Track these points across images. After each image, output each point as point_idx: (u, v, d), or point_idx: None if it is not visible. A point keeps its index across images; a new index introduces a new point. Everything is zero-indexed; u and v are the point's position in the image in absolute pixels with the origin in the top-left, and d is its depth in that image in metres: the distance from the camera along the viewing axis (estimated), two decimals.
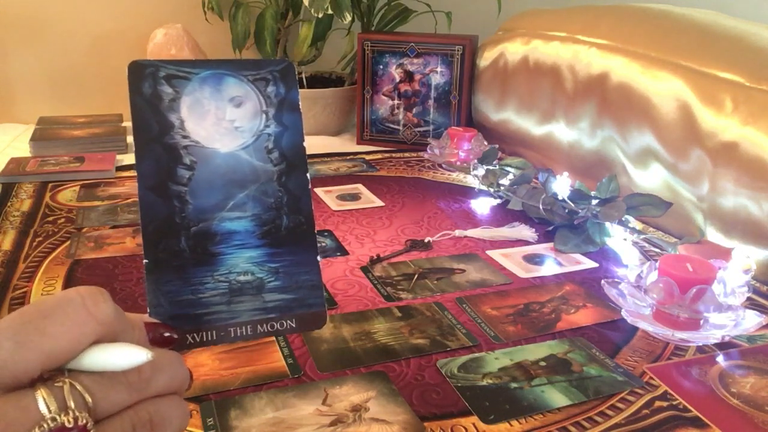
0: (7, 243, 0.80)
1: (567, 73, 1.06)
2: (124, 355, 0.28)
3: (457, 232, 0.87)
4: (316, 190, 1.03)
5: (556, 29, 1.13)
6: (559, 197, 0.87)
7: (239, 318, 0.34)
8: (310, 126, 1.37)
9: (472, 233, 0.86)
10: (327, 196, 1.00)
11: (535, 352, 0.59)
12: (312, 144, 1.23)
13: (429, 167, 1.18)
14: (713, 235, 0.81)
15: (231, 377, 0.54)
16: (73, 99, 1.49)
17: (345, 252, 0.80)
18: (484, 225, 0.89)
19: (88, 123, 1.35)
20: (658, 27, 0.97)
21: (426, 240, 0.84)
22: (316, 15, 1.20)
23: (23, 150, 1.21)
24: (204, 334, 0.34)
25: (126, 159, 1.18)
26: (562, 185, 0.87)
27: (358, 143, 1.34)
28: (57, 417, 0.25)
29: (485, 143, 1.15)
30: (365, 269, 0.75)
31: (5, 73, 1.44)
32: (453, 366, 0.56)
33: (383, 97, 1.30)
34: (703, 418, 0.50)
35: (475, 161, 1.08)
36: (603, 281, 0.66)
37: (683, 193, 0.85)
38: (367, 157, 1.23)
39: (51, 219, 0.88)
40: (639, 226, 0.90)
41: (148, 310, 0.33)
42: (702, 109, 0.81)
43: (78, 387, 0.26)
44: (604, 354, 0.59)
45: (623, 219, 0.83)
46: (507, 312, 0.66)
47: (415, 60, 1.26)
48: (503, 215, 0.94)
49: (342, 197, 1.00)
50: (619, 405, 0.52)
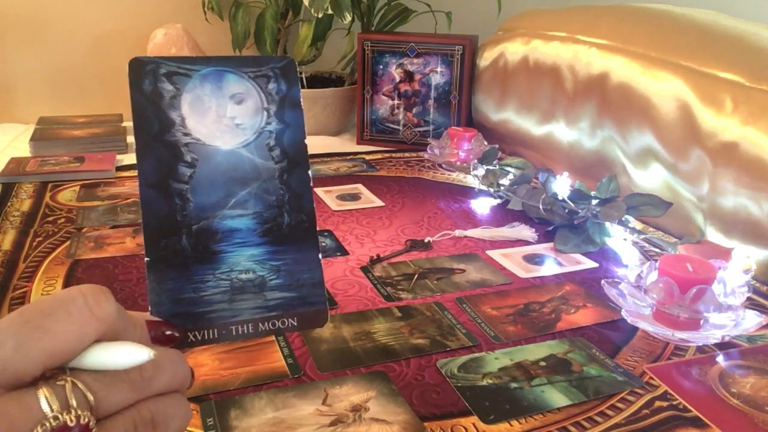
0: (7, 243, 0.80)
1: (567, 73, 1.06)
2: (126, 354, 0.28)
3: (457, 232, 0.87)
4: (316, 190, 1.03)
5: (556, 29, 1.13)
6: (559, 197, 0.87)
7: (241, 316, 0.34)
8: (310, 126, 1.36)
9: (472, 233, 0.86)
10: (327, 196, 1.00)
11: (535, 352, 0.59)
12: (312, 144, 1.22)
13: (429, 167, 1.18)
14: (713, 235, 0.81)
15: (231, 377, 0.54)
16: (73, 99, 1.49)
17: (345, 252, 0.80)
18: (484, 225, 0.89)
19: (88, 123, 1.35)
20: (658, 27, 0.97)
21: (426, 240, 0.84)
22: (316, 15, 1.20)
23: (23, 150, 1.21)
24: (205, 332, 0.34)
25: (126, 159, 1.18)
26: (562, 185, 0.87)
27: (358, 143, 1.34)
28: (59, 416, 0.25)
29: (485, 143, 1.15)
30: (365, 269, 0.75)
31: (5, 73, 1.44)
32: (453, 366, 0.56)
33: (383, 97, 1.30)
34: (703, 418, 0.50)
35: (475, 161, 1.08)
36: (603, 281, 0.66)
37: (683, 193, 0.85)
38: (367, 157, 1.23)
39: (51, 219, 0.88)
40: (639, 226, 0.90)
41: (149, 308, 0.33)
42: (702, 109, 0.81)
43: (80, 386, 0.26)
44: (604, 354, 0.59)
45: (623, 219, 0.83)
46: (507, 312, 0.66)
47: (415, 60, 1.26)
48: (503, 215, 0.94)
49: (342, 197, 1.00)
50: (619, 405, 0.52)
